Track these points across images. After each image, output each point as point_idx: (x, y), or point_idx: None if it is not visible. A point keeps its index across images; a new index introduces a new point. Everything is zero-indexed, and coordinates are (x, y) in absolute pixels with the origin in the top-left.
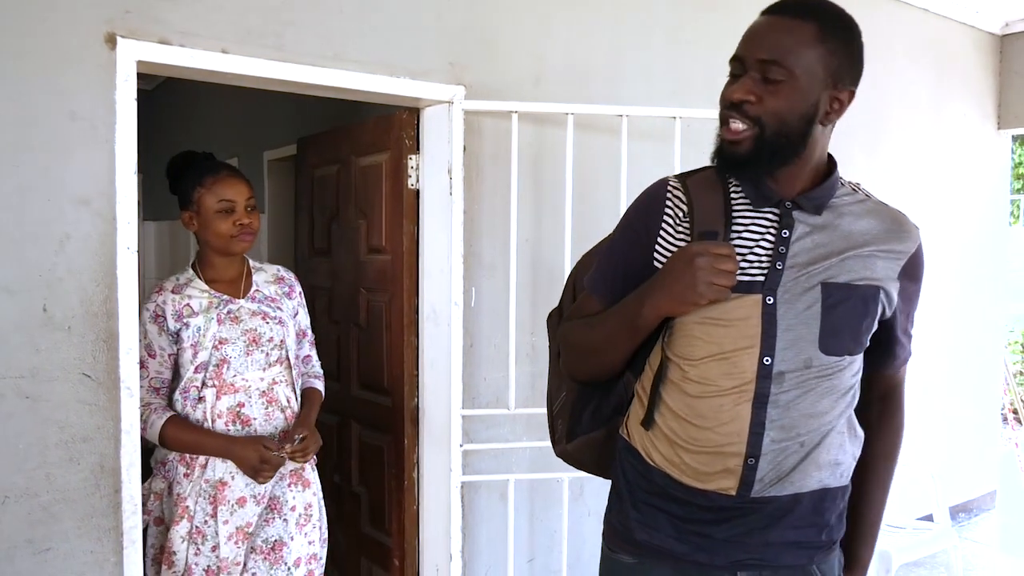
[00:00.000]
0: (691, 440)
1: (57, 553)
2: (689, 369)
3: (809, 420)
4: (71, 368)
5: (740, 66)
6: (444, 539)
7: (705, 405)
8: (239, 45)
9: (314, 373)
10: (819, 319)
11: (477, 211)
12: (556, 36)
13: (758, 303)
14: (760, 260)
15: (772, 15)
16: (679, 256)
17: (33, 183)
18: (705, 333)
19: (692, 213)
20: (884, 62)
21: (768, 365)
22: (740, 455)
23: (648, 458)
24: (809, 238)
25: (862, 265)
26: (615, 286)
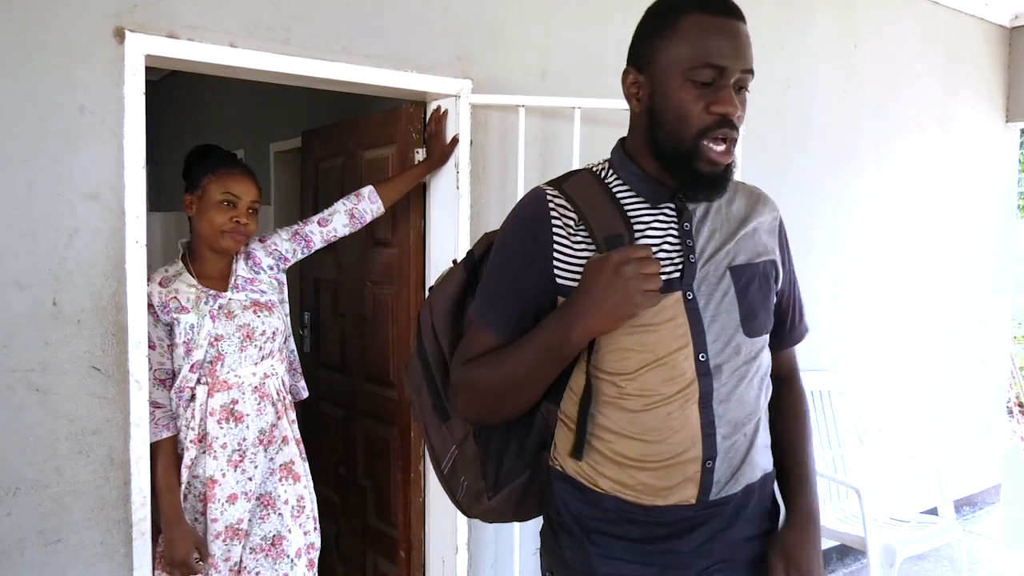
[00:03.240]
0: (643, 457)
1: (67, 544)
2: (626, 384)
3: (748, 408)
4: (80, 361)
5: (718, 75)
6: (450, 531)
7: (651, 417)
8: (247, 39)
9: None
10: (736, 304)
11: (484, 205)
12: (563, 30)
13: (680, 300)
14: (671, 257)
15: (735, 19)
16: (599, 269)
17: (43, 177)
18: (637, 343)
19: (586, 219)
20: (892, 54)
21: (704, 361)
22: (698, 460)
23: (594, 486)
24: (705, 227)
25: (753, 242)
26: (513, 316)
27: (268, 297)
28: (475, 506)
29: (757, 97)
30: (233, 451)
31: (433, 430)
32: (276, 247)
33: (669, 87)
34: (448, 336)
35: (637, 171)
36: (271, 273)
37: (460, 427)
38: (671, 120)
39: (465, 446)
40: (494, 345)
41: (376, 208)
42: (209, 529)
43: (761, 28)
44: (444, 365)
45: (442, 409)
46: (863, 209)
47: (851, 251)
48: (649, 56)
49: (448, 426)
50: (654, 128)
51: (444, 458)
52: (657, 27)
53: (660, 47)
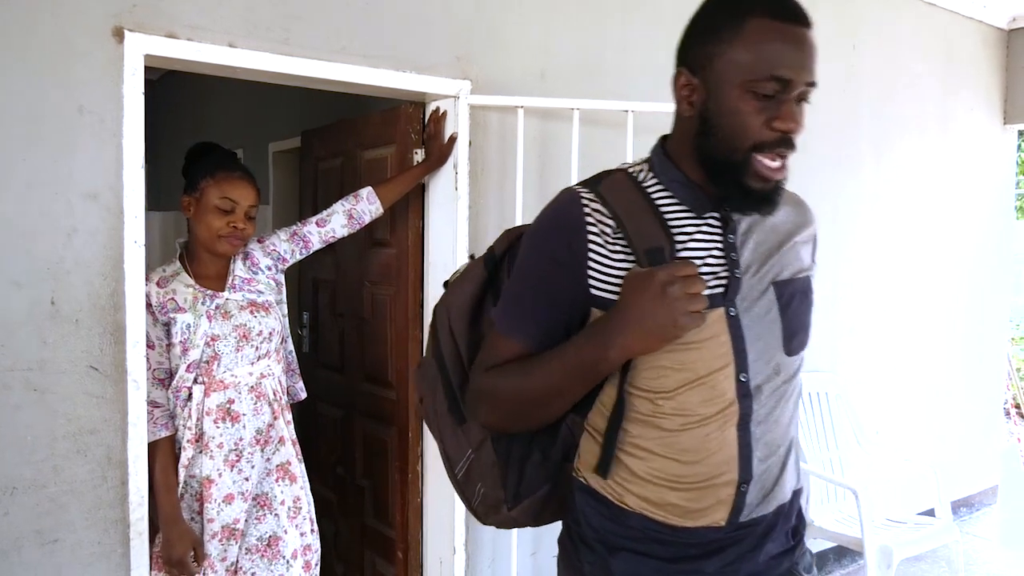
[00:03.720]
0: (676, 478)
1: (64, 544)
2: (663, 402)
3: (784, 429)
4: (78, 361)
5: (782, 88)
6: (448, 532)
7: (688, 438)
8: (246, 39)
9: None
10: (779, 321)
11: (482, 205)
12: (562, 30)
13: (722, 318)
14: (714, 271)
15: (804, 26)
16: (642, 286)
17: (41, 177)
18: (676, 361)
19: (624, 228)
20: (891, 56)
21: (745, 382)
22: (733, 483)
23: (620, 502)
24: (750, 239)
25: (794, 256)
26: (542, 324)
27: (265, 297)
28: (492, 515)
29: None
30: (230, 451)
31: (448, 433)
32: (274, 248)
33: (727, 95)
34: (466, 337)
35: (680, 177)
36: (269, 273)
37: (477, 431)
38: (725, 130)
39: (482, 451)
40: (519, 353)
41: (375, 209)
42: (205, 529)
43: None
44: (461, 366)
45: (458, 412)
46: (862, 210)
47: (849, 252)
48: (705, 58)
49: (464, 429)
50: (705, 135)
51: (459, 462)
52: (717, 27)
53: (719, 51)
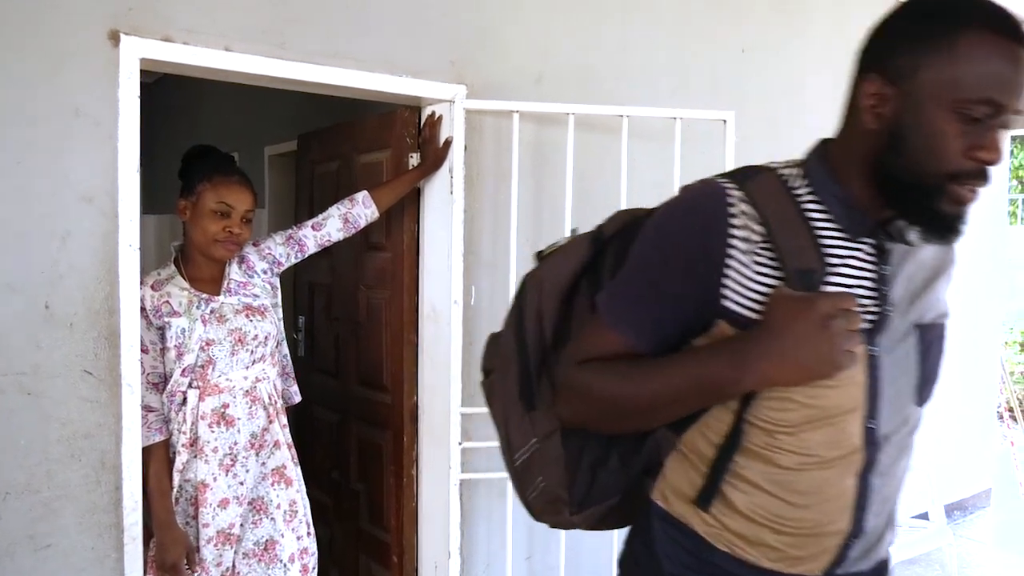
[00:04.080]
0: (780, 520)
1: (58, 549)
2: (783, 437)
3: (898, 483)
4: (72, 365)
5: (992, 113)
6: (443, 536)
7: (805, 479)
8: (242, 43)
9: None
10: (917, 368)
11: (477, 210)
12: (558, 35)
13: (863, 357)
14: (863, 304)
15: (1022, 46)
16: (797, 314)
17: (37, 180)
18: (806, 395)
19: (774, 239)
20: None
21: (873, 429)
22: (841, 534)
23: (707, 536)
24: (901, 272)
25: (935, 298)
26: (658, 325)
27: (261, 301)
28: (550, 515)
29: (749, 102)
30: (224, 455)
31: (513, 418)
32: (270, 251)
33: (930, 113)
34: (554, 319)
35: (840, 193)
36: (265, 277)
37: (547, 421)
38: (921, 152)
39: (549, 443)
40: (623, 351)
41: (370, 213)
42: (201, 534)
43: (754, 31)
44: (542, 349)
45: (529, 397)
46: None
47: None
48: (909, 69)
49: (532, 417)
50: (892, 153)
51: (520, 450)
52: (926, 35)
53: (927, 62)
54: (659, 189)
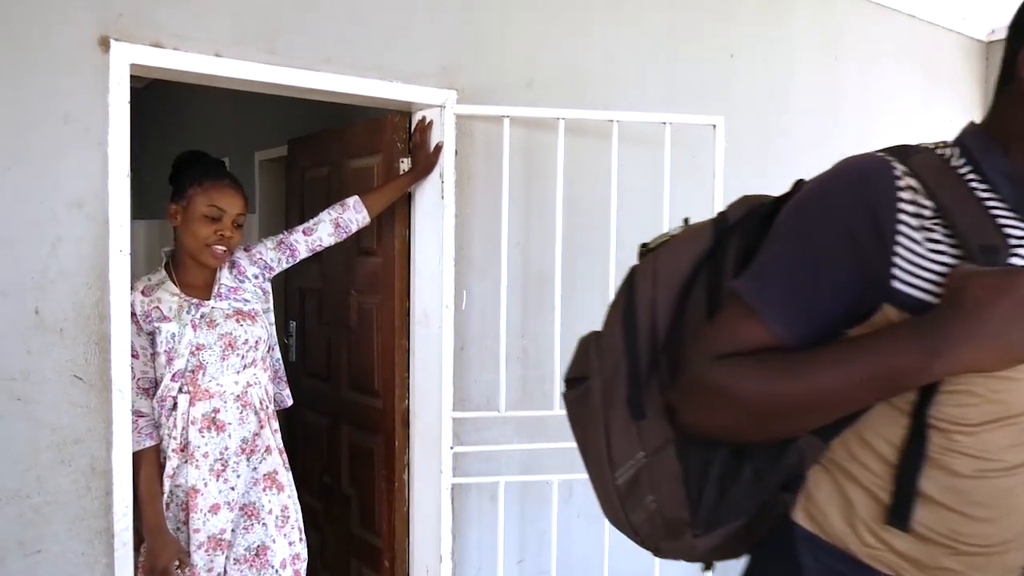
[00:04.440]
0: (958, 536)
1: (48, 555)
2: (961, 438)
3: None
4: (63, 370)
5: None
6: (434, 540)
7: (983, 488)
8: (232, 48)
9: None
10: None
11: (468, 214)
12: (549, 41)
13: None
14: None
15: None
16: (1003, 293)
17: (26, 185)
18: (989, 389)
19: (948, 214)
20: (872, 67)
21: None
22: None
23: (870, 560)
24: None
25: None
26: (814, 315)
27: (252, 306)
28: (665, 540)
29: (738, 106)
30: (215, 460)
31: (617, 426)
32: (261, 256)
33: None
34: (670, 315)
35: (1009, 169)
36: (256, 282)
37: (658, 432)
38: None
39: (661, 458)
40: (769, 344)
41: (362, 218)
42: (192, 539)
43: (742, 37)
44: (654, 349)
45: (638, 404)
46: None
47: None
48: None
49: (640, 426)
50: None
51: (623, 466)
52: None
53: None
54: (649, 194)
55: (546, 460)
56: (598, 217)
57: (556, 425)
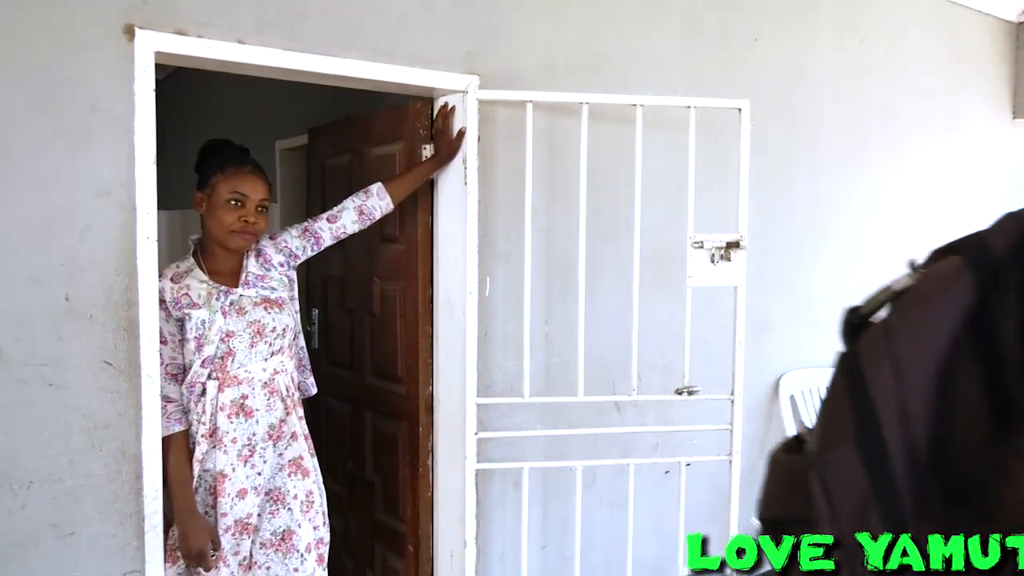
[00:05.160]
0: None
1: (80, 537)
2: None
3: None
4: (93, 356)
5: None
6: (459, 526)
7: None
8: (255, 35)
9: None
10: None
11: (491, 200)
12: (570, 25)
13: None
14: None
15: None
16: None
17: (56, 174)
18: None
19: None
20: (898, 50)
21: None
22: None
23: None
24: None
25: None
26: None
27: (279, 294)
28: None
29: (763, 91)
30: (243, 446)
31: (775, 477)
32: (286, 244)
33: None
34: (931, 416)
35: None
36: (281, 270)
37: None
38: None
39: None
40: None
41: (385, 205)
42: (219, 523)
43: (766, 19)
44: (916, 472)
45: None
46: (871, 207)
47: (858, 250)
48: None
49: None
50: None
51: (786, 507)
52: None
53: None
54: (671, 178)
55: (569, 446)
56: (621, 202)
57: (579, 411)
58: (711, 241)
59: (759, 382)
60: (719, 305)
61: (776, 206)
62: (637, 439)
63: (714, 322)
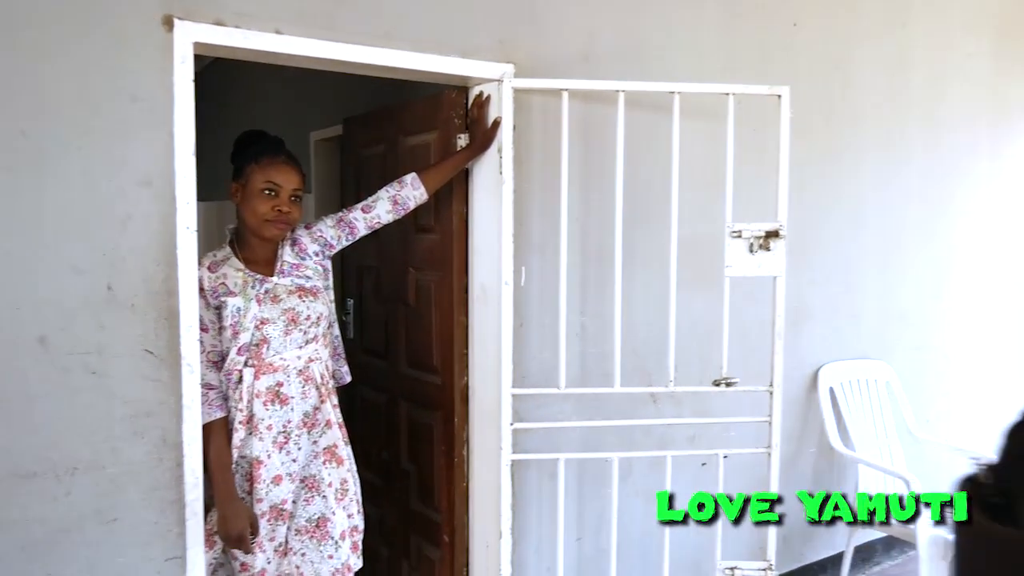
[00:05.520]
0: None
1: (123, 524)
2: None
3: None
4: (134, 345)
5: None
6: (494, 516)
7: None
8: (292, 25)
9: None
10: None
11: (526, 190)
12: (605, 11)
13: None
14: None
15: None
16: None
17: (97, 164)
18: None
19: None
20: (941, 34)
21: None
22: None
23: None
24: None
25: None
26: None
27: (313, 283)
28: None
29: (802, 78)
30: (278, 433)
31: None
32: (321, 234)
33: None
34: None
35: None
36: (316, 259)
37: None
38: None
39: None
40: None
41: (419, 195)
42: (255, 508)
43: (805, 3)
44: None
45: None
46: (912, 194)
47: (900, 236)
48: None
49: None
50: None
51: None
52: None
53: None
54: (707, 167)
55: (604, 437)
56: (656, 191)
57: (615, 402)
58: (750, 230)
59: (797, 373)
60: (756, 295)
61: (814, 195)
62: (673, 431)
63: (751, 312)
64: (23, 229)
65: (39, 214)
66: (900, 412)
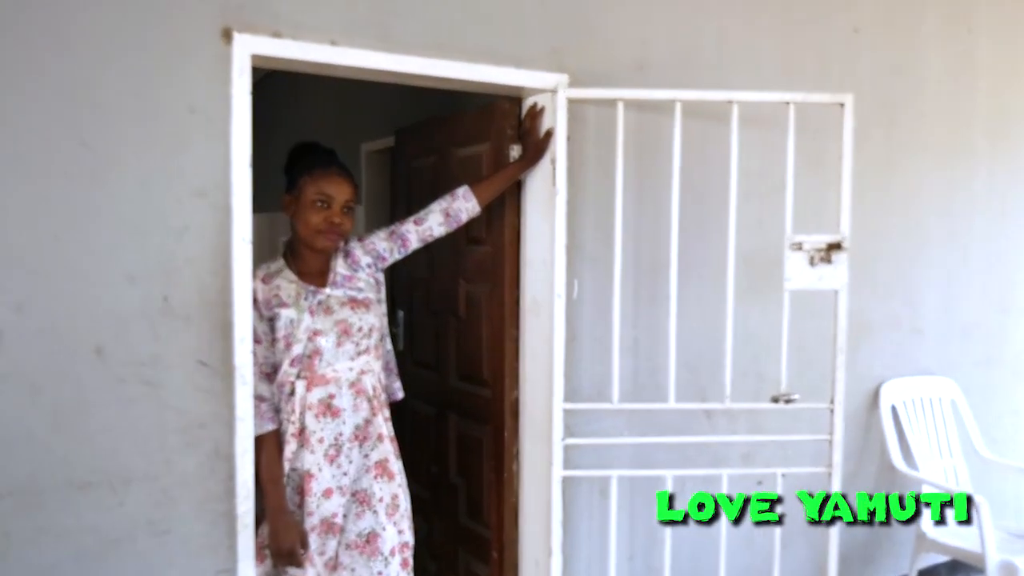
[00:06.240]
0: None
1: (175, 535)
2: None
3: None
4: (188, 356)
5: None
6: (544, 533)
7: None
8: (347, 36)
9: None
10: None
11: (580, 201)
12: (659, 20)
13: None
14: None
15: None
16: None
17: (154, 175)
18: None
19: None
20: (1008, 39)
21: None
22: None
23: None
24: None
25: None
26: None
27: (366, 295)
28: None
29: (863, 85)
30: (329, 445)
31: None
32: (374, 246)
33: None
34: None
35: None
36: (369, 271)
37: None
38: None
39: None
40: None
41: (471, 207)
42: (305, 522)
43: (866, 9)
44: None
45: None
46: (977, 205)
47: (964, 247)
48: None
49: None
50: None
51: None
52: None
53: None
54: (764, 179)
55: (657, 454)
56: (711, 203)
57: (668, 418)
58: (810, 242)
59: (857, 389)
60: (814, 309)
61: (876, 206)
62: (727, 448)
63: (807, 326)
64: (81, 238)
65: (97, 224)
66: (966, 430)
